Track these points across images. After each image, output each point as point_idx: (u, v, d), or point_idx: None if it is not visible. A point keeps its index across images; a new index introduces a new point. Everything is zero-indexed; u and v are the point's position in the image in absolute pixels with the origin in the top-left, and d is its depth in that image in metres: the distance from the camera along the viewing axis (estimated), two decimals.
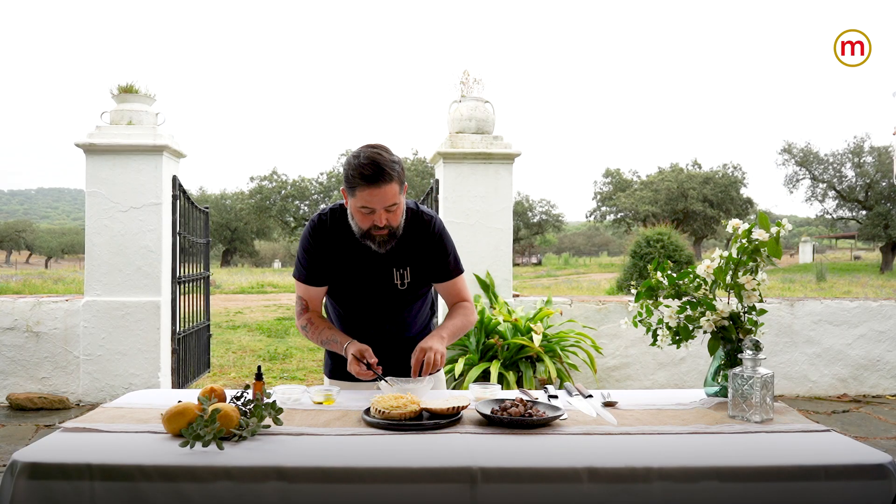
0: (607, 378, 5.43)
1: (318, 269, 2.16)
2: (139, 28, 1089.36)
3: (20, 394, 5.09)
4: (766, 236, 1.94)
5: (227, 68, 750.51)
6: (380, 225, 1.99)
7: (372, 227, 2.01)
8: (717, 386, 2.05)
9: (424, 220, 2.16)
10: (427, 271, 2.19)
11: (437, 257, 2.18)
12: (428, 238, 2.16)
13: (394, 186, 1.96)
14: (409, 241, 2.13)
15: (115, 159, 5.19)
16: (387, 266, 2.13)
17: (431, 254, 2.17)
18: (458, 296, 2.27)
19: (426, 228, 2.16)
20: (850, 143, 30.38)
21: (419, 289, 2.19)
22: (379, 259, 2.12)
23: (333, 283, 2.18)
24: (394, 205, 1.98)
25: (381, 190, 1.94)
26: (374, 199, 1.95)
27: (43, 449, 1.53)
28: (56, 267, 40.35)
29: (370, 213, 1.98)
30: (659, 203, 34.15)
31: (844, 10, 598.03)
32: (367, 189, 1.94)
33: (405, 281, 2.15)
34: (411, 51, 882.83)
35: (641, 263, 12.86)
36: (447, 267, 2.21)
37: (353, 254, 2.12)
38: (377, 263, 2.12)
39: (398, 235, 2.06)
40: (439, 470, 1.45)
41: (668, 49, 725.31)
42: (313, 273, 2.16)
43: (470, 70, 5.45)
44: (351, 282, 2.15)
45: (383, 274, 2.13)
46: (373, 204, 1.96)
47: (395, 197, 1.97)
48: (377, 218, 1.98)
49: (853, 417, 4.96)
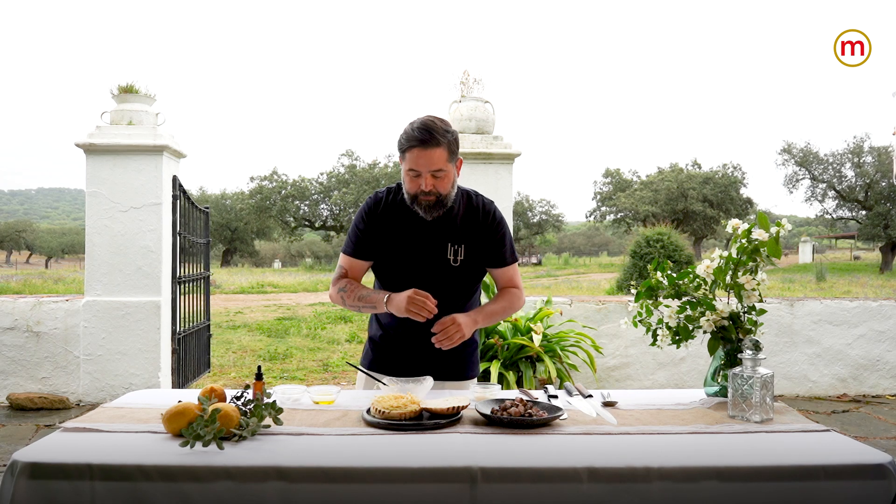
0: (607, 378, 5.42)
1: (367, 245, 2.19)
2: (139, 28, 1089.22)
3: (20, 394, 5.09)
4: (765, 236, 1.94)
5: (227, 68, 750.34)
6: (425, 189, 2.02)
7: (419, 192, 2.03)
8: (716, 386, 2.05)
9: (485, 203, 2.22)
10: (484, 254, 2.20)
11: (496, 242, 2.21)
12: (489, 222, 2.19)
13: (441, 152, 2.00)
14: (468, 221, 2.17)
15: (115, 159, 5.19)
16: (442, 241, 2.15)
17: (490, 238, 2.20)
18: (511, 282, 2.29)
19: (487, 212, 2.20)
20: (850, 143, 30.40)
21: (471, 271, 2.19)
22: (435, 233, 2.14)
23: (385, 259, 2.18)
24: (440, 170, 2.01)
25: (427, 152, 1.98)
26: (420, 162, 1.99)
27: (43, 449, 1.53)
28: (56, 267, 40.35)
29: (417, 177, 2.02)
30: (659, 203, 34.14)
31: (844, 10, 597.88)
32: (414, 150, 1.99)
33: (458, 258, 2.15)
34: (412, 51, 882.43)
35: (641, 263, 12.86)
36: (504, 253, 2.23)
37: (409, 229, 2.14)
38: (433, 237, 2.14)
39: (447, 205, 2.09)
40: (439, 470, 1.46)
41: (668, 49, 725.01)
42: (361, 248, 2.19)
43: (470, 70, 5.46)
44: (404, 256, 2.16)
45: (438, 248, 2.15)
46: (419, 166, 2.00)
47: (443, 163, 2.01)
48: (423, 182, 2.01)
49: (853, 417, 4.96)
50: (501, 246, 2.22)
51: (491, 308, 2.23)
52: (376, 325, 2.30)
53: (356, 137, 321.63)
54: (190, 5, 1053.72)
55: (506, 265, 2.25)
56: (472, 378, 2.33)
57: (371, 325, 2.34)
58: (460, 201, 2.17)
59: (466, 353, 2.28)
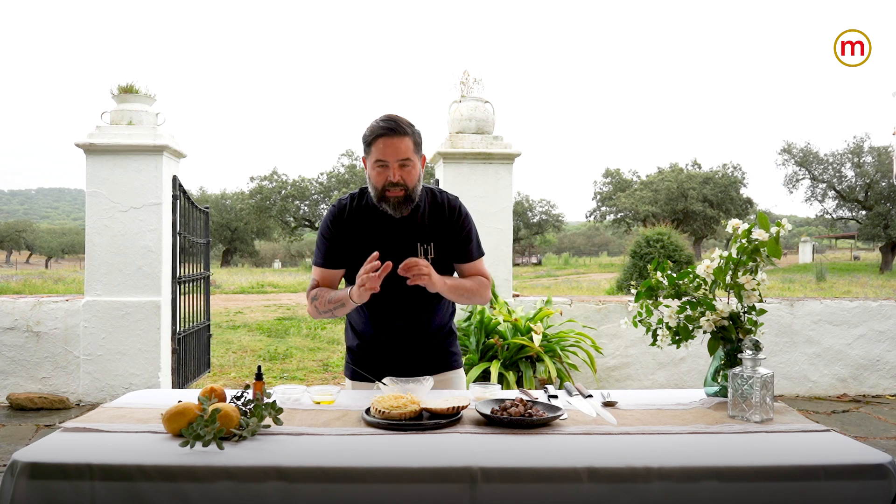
0: (607, 378, 5.43)
1: (335, 254, 2.18)
2: (139, 28, 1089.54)
3: (20, 394, 5.09)
4: (765, 236, 1.94)
5: (227, 68, 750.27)
6: (393, 181, 2.02)
7: (387, 185, 2.03)
8: (716, 386, 2.05)
9: (450, 199, 2.22)
10: (451, 250, 2.20)
11: (463, 238, 2.21)
12: (455, 218, 2.19)
13: (408, 142, 2.02)
14: (434, 218, 2.17)
15: (115, 159, 5.19)
16: (411, 241, 2.15)
17: (457, 234, 2.20)
18: (479, 273, 2.27)
19: (453, 208, 2.20)
20: (850, 143, 30.40)
21: (442, 268, 2.18)
22: (403, 234, 2.14)
23: (356, 265, 2.15)
24: (407, 159, 2.02)
25: (394, 141, 2.00)
26: (387, 151, 2.00)
27: (43, 449, 1.52)
28: (56, 267, 40.35)
29: (384, 168, 2.02)
30: (659, 203, 34.14)
31: (844, 10, 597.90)
32: (381, 140, 2.00)
33: (429, 257, 2.15)
34: (412, 51, 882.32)
35: (641, 263, 12.86)
36: (471, 249, 2.23)
37: (376, 232, 2.14)
38: (401, 238, 2.14)
39: (414, 200, 2.09)
40: (439, 470, 1.45)
41: (668, 49, 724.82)
42: (331, 257, 2.18)
43: (470, 70, 5.46)
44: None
45: (407, 248, 2.14)
46: (386, 156, 2.00)
47: (409, 153, 2.02)
48: (391, 173, 2.01)
49: (853, 417, 4.96)
50: (468, 242, 2.22)
51: (460, 281, 2.19)
52: (352, 335, 2.30)
53: (356, 137, 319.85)
54: (190, 5, 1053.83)
55: (473, 260, 2.24)
56: (457, 368, 2.32)
57: (347, 335, 2.34)
58: (425, 199, 2.17)
59: (445, 343, 2.30)
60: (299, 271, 32.14)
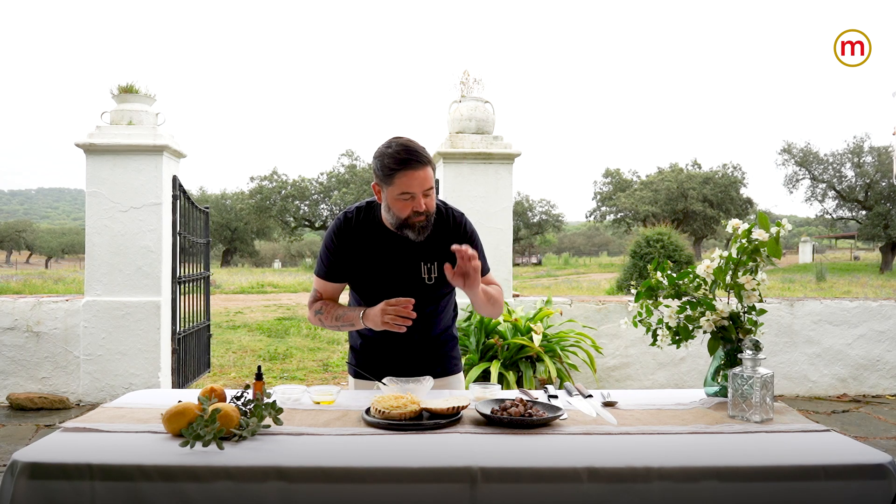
0: (607, 378, 5.43)
1: (339, 267, 2.17)
2: (139, 28, 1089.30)
3: (20, 394, 5.09)
4: (765, 236, 1.94)
5: (227, 68, 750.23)
6: (420, 210, 2.00)
7: (412, 214, 2.01)
8: (716, 386, 2.05)
9: (455, 216, 2.19)
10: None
11: None
12: (461, 233, 2.17)
13: (429, 170, 1.99)
14: (438, 235, 2.14)
15: (115, 159, 5.19)
16: (415, 260, 2.14)
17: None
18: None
19: (459, 224, 2.18)
20: (850, 143, 30.40)
21: (446, 285, 2.17)
22: (407, 253, 2.12)
23: (359, 279, 2.17)
24: (430, 188, 2.01)
25: (418, 173, 1.97)
26: (413, 183, 1.97)
27: (43, 449, 1.52)
28: (56, 267, 40.35)
29: (410, 199, 1.99)
30: (659, 203, 34.14)
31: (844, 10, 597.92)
32: (405, 173, 1.96)
33: (432, 276, 2.14)
34: (412, 51, 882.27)
35: (641, 263, 12.86)
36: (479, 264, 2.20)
37: (381, 248, 2.13)
38: (406, 257, 2.13)
39: (432, 223, 2.08)
40: (439, 470, 1.45)
41: (668, 49, 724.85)
42: (334, 270, 2.17)
43: (470, 70, 5.45)
44: (378, 277, 2.14)
45: (411, 268, 2.13)
46: (413, 188, 1.97)
47: (431, 181, 2.01)
48: (416, 203, 1.99)
49: (853, 417, 4.96)
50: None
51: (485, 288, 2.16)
52: (355, 334, 2.30)
53: (356, 137, 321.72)
54: (190, 5, 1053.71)
55: (484, 275, 2.21)
56: (456, 373, 2.33)
57: (350, 334, 2.34)
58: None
59: (447, 348, 2.30)
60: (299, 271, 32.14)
